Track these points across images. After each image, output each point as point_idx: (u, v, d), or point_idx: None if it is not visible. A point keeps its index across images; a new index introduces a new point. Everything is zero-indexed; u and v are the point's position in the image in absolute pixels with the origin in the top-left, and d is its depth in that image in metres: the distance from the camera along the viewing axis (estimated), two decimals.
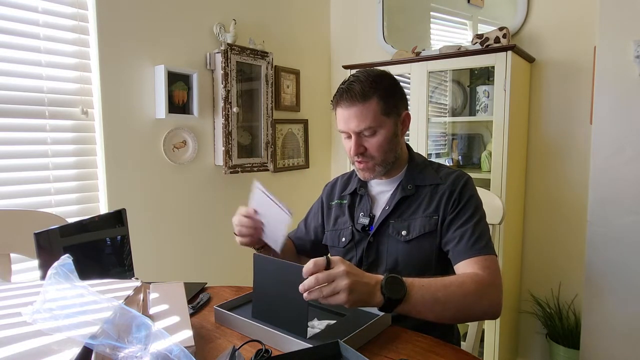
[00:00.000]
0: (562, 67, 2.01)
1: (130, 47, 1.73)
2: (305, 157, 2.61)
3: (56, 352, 0.47)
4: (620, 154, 1.55)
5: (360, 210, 1.16)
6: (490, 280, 0.94)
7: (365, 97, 1.02)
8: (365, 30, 2.63)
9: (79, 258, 0.68)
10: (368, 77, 1.05)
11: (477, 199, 1.08)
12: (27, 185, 1.52)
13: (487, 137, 2.23)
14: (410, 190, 1.10)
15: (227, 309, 0.98)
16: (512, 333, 2.12)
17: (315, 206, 1.32)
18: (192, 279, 1.68)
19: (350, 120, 1.04)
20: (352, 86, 1.03)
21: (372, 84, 1.03)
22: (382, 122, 1.04)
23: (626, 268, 1.56)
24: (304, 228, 1.33)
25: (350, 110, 1.03)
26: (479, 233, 1.01)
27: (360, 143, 1.05)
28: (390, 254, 1.08)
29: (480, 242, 1.00)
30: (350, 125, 1.04)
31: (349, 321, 0.93)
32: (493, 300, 0.93)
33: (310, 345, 0.77)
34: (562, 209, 2.06)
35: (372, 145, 1.05)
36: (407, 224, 1.08)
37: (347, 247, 1.16)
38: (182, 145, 1.95)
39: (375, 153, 1.06)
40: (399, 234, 1.07)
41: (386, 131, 1.05)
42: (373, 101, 1.03)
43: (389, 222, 1.10)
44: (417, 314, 0.87)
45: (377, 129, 1.04)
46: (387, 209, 1.10)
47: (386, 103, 1.04)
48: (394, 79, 1.11)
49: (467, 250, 1.00)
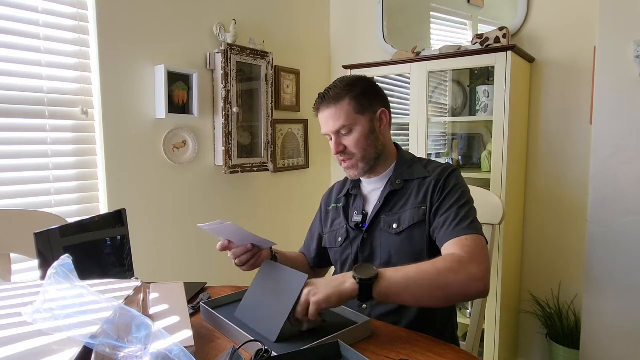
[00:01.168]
0: (562, 67, 2.01)
1: (130, 47, 1.73)
2: (305, 157, 2.61)
3: (56, 352, 0.47)
4: (620, 154, 1.55)
5: (354, 209, 1.20)
6: (468, 257, 0.92)
7: (337, 99, 1.11)
8: (365, 30, 2.63)
9: (79, 258, 0.68)
10: (342, 82, 1.14)
11: (463, 186, 1.10)
12: (27, 185, 1.52)
13: (487, 137, 2.23)
14: (399, 184, 1.13)
15: (216, 305, 1.02)
16: (512, 333, 2.12)
17: (317, 215, 1.36)
18: (192, 279, 1.68)
19: (327, 121, 1.13)
20: (327, 92, 1.13)
21: (346, 87, 1.12)
22: (356, 120, 1.11)
23: (626, 268, 1.56)
24: (310, 238, 1.36)
25: (325, 112, 1.13)
26: (462, 216, 1.02)
27: (339, 142, 1.13)
28: (384, 247, 1.11)
29: (462, 223, 1.00)
30: (328, 127, 1.13)
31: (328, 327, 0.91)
32: (472, 275, 0.89)
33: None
34: (562, 209, 2.06)
35: (350, 142, 1.12)
36: (397, 217, 1.10)
37: (344, 245, 1.19)
38: (182, 145, 1.95)
39: (354, 149, 1.12)
40: (390, 227, 1.10)
41: (362, 128, 1.11)
42: (345, 102, 1.10)
43: (381, 217, 1.13)
44: (394, 297, 0.88)
45: (352, 127, 1.11)
46: (378, 205, 1.14)
47: (359, 102, 1.11)
48: (371, 82, 1.17)
49: (449, 233, 1.00)
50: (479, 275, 0.90)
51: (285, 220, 2.49)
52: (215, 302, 1.05)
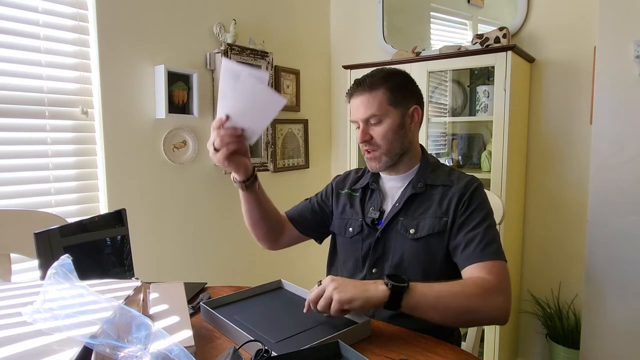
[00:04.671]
0: (562, 67, 2.01)
1: (130, 47, 1.73)
2: (305, 157, 2.61)
3: (56, 352, 0.47)
4: (620, 154, 1.55)
5: (371, 204, 1.18)
6: (497, 285, 0.92)
7: (373, 87, 1.08)
8: (365, 30, 2.63)
9: (79, 258, 0.68)
10: (381, 71, 1.12)
11: (488, 206, 1.08)
12: (27, 185, 1.52)
13: (487, 137, 2.23)
14: (421, 188, 1.11)
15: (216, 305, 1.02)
16: (512, 333, 2.12)
17: (324, 190, 1.32)
18: (192, 279, 1.68)
19: (359, 108, 1.10)
20: (364, 79, 1.11)
21: (384, 77, 1.10)
22: (388, 112, 1.08)
23: (626, 268, 1.56)
24: (309, 203, 1.31)
25: (358, 99, 1.10)
26: (489, 239, 1.00)
27: (366, 131, 1.10)
28: (397, 250, 1.09)
29: (490, 247, 0.99)
30: (358, 113, 1.10)
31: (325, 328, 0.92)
32: (500, 306, 0.91)
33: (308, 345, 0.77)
34: (562, 209, 2.06)
35: (377, 133, 1.09)
36: (416, 222, 1.08)
37: (354, 238, 1.17)
38: (182, 145, 1.95)
39: (380, 141, 1.09)
40: (407, 232, 1.08)
41: (392, 121, 1.09)
42: (380, 91, 1.08)
43: (398, 219, 1.10)
44: (421, 312, 0.88)
45: (382, 117, 1.08)
46: (397, 206, 1.12)
47: (393, 94, 1.09)
48: (408, 77, 1.15)
49: (475, 255, 0.99)
50: (504, 306, 0.92)
51: None
52: (215, 302, 1.05)
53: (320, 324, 0.93)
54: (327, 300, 0.85)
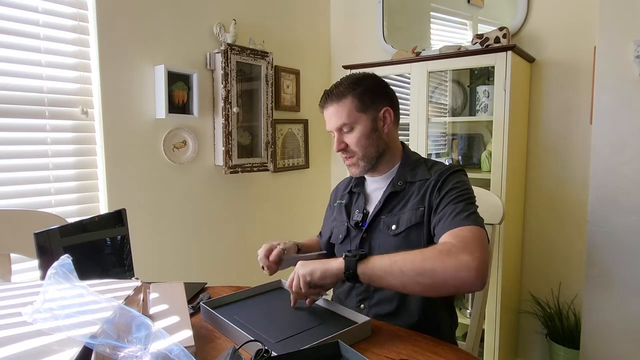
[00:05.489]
0: (562, 67, 2.01)
1: (130, 47, 1.73)
2: (305, 157, 2.61)
3: (56, 352, 0.47)
4: (620, 153, 1.55)
5: (355, 207, 1.21)
6: (459, 246, 0.89)
7: (340, 97, 1.12)
8: (365, 30, 2.63)
9: (79, 258, 0.68)
10: (348, 79, 1.15)
11: (464, 184, 1.07)
12: (27, 185, 1.51)
13: (487, 137, 2.23)
14: (400, 186, 1.13)
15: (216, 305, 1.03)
16: (512, 333, 2.12)
17: (327, 208, 1.39)
18: (192, 279, 1.68)
19: (330, 119, 1.15)
20: (332, 89, 1.14)
21: (350, 85, 1.12)
22: (358, 118, 1.11)
23: (626, 268, 1.56)
24: (325, 227, 1.38)
25: (329, 109, 1.14)
26: (460, 209, 0.98)
27: (341, 139, 1.14)
28: (382, 248, 1.11)
29: (460, 215, 0.97)
30: (330, 123, 1.15)
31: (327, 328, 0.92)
32: (462, 263, 0.84)
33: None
34: (562, 209, 2.06)
35: (351, 140, 1.13)
36: (396, 218, 1.10)
37: (343, 242, 1.20)
38: (182, 145, 1.95)
39: (355, 148, 1.13)
40: (389, 229, 1.10)
41: (363, 127, 1.11)
42: (348, 99, 1.11)
43: (380, 218, 1.13)
44: (379, 279, 0.90)
45: (353, 125, 1.12)
46: (378, 205, 1.14)
47: (362, 100, 1.11)
48: (377, 80, 1.16)
49: (446, 226, 0.97)
50: (471, 265, 0.84)
51: (285, 220, 2.49)
52: (215, 302, 1.05)
53: (320, 324, 0.93)
54: (297, 280, 0.95)
